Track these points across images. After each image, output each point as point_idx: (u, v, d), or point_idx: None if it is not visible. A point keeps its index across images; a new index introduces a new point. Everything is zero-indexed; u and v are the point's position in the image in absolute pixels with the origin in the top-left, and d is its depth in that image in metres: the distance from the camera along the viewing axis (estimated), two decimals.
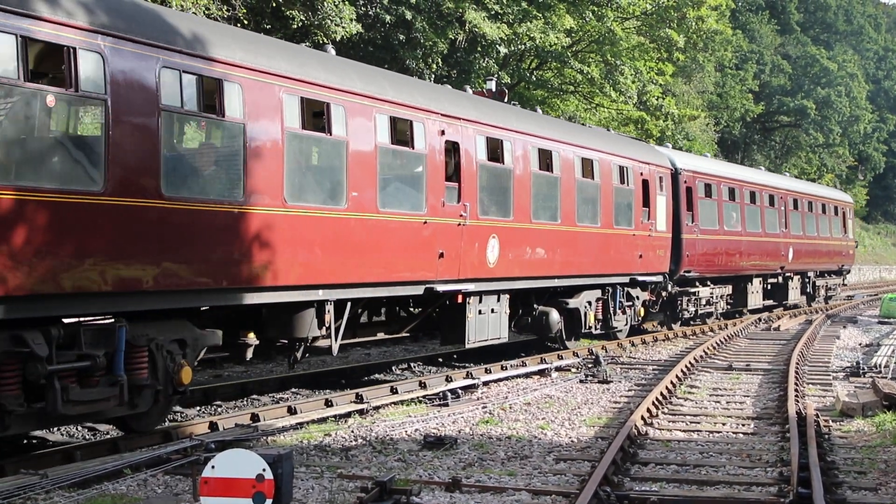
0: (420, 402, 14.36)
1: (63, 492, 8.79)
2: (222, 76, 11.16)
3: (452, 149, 15.68)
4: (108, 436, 11.63)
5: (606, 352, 20.98)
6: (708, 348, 21.44)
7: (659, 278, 23.70)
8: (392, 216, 13.99)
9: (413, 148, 14.63)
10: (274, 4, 22.94)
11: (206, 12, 20.42)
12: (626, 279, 21.97)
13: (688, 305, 26.29)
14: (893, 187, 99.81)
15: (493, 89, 20.59)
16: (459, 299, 15.91)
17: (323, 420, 12.67)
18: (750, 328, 27.99)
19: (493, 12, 28.71)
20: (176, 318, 11.14)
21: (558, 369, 18.12)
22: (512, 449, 11.33)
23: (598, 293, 21.01)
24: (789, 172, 56.82)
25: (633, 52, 34.82)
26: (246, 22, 22.36)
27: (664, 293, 24.62)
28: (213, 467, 7.34)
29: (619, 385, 16.47)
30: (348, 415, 13.06)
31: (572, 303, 19.97)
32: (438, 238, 15.12)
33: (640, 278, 22.54)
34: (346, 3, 23.89)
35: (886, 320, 30.91)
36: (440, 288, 15.19)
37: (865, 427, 12.84)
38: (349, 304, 13.61)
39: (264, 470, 7.32)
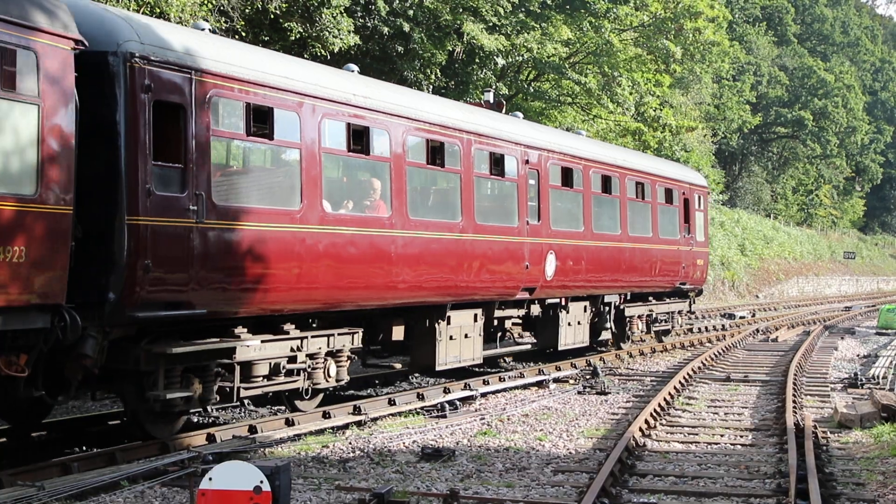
0: (418, 413, 14.36)
1: (60, 503, 8.78)
2: None
3: None
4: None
5: (604, 363, 20.98)
6: (706, 360, 21.44)
7: None
8: None
9: None
10: (272, 16, 22.97)
11: None
12: None
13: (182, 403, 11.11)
14: (890, 198, 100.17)
15: (491, 100, 20.63)
16: None
17: (321, 432, 12.66)
18: (748, 339, 28.01)
19: (490, 24, 28.77)
20: None
21: (556, 381, 18.11)
22: (510, 460, 11.32)
23: None
24: (785, 186, 56.34)
25: (630, 63, 34.92)
26: (244, 34, 22.38)
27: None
28: (210, 479, 7.33)
29: (616, 396, 16.46)
30: (346, 426, 13.05)
31: None
32: None
33: None
34: (344, 15, 23.95)
35: (884, 331, 30.94)
36: None
37: (863, 438, 12.83)
38: None
39: (262, 482, 7.30)
